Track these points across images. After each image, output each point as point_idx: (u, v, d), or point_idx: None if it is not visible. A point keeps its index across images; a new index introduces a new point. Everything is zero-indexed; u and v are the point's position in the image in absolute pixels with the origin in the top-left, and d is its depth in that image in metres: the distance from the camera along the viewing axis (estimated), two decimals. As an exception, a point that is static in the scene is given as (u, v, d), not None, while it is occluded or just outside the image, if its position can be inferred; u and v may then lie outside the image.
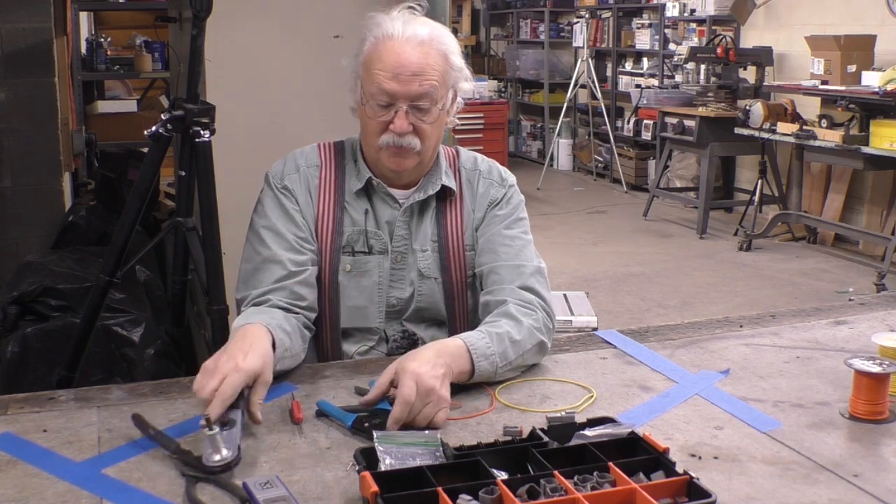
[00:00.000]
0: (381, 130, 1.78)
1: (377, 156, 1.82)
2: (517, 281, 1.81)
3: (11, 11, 3.87)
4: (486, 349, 1.64)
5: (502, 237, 1.87)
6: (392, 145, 1.78)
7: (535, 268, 1.84)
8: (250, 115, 2.75)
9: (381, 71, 1.74)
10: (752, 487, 1.29)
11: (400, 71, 1.73)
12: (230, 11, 2.62)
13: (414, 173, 1.86)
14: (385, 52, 1.75)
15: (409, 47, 1.74)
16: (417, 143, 1.78)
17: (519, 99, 11.89)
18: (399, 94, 1.74)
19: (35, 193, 3.98)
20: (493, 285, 1.83)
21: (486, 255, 1.87)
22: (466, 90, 1.86)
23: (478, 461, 1.25)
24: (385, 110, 1.76)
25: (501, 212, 1.91)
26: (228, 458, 1.32)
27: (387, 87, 1.74)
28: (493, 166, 1.97)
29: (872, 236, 6.43)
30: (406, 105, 1.75)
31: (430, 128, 1.79)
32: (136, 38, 6.25)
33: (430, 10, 2.26)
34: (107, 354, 2.97)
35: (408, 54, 1.74)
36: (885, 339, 1.66)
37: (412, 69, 1.73)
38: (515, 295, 1.78)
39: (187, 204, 2.29)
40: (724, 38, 7.58)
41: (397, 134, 1.76)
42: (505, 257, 1.84)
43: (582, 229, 7.76)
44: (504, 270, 1.83)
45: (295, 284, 1.77)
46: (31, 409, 1.55)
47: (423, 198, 1.87)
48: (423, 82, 1.74)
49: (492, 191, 1.92)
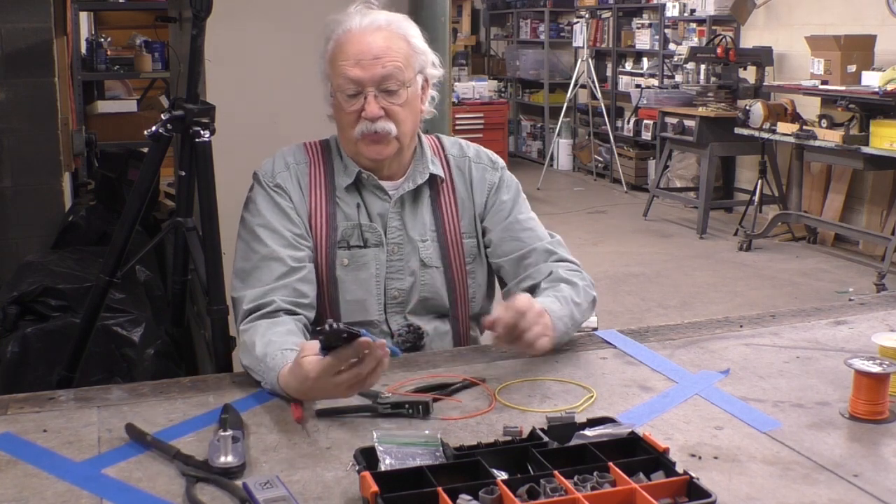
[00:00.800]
0: (355, 121, 1.80)
1: (356, 149, 1.84)
2: (551, 258, 1.92)
3: (11, 11, 3.87)
4: (560, 312, 1.76)
5: (520, 223, 1.95)
6: (367, 133, 1.80)
7: (557, 241, 1.96)
8: (250, 115, 2.75)
9: (345, 61, 1.78)
10: (752, 487, 1.29)
11: (362, 56, 1.77)
12: (230, 11, 2.62)
13: (396, 162, 1.87)
14: (346, 43, 1.79)
15: (367, 35, 1.79)
16: (392, 128, 1.80)
17: (519, 99, 11.89)
18: (364, 79, 1.77)
19: (35, 193, 3.98)
20: (529, 269, 1.91)
21: (510, 243, 1.93)
22: (435, 75, 1.89)
23: (478, 461, 1.25)
24: (354, 99, 1.79)
25: (507, 197, 1.96)
26: (234, 464, 1.32)
27: (351, 74, 1.77)
28: (480, 150, 2.01)
29: (872, 236, 6.43)
30: (374, 89, 1.78)
31: (402, 110, 1.81)
32: (136, 38, 6.25)
33: (431, 10, 2.26)
34: (107, 354, 2.97)
35: (367, 40, 1.78)
36: (885, 339, 1.66)
37: (373, 53, 1.77)
38: (555, 268, 1.89)
39: (187, 204, 2.29)
40: (724, 38, 7.58)
41: (370, 120, 1.78)
42: (530, 241, 1.93)
43: (582, 229, 7.76)
44: (535, 254, 1.92)
45: (296, 282, 1.78)
46: (31, 409, 1.55)
47: (413, 188, 1.89)
48: (387, 63, 1.78)
49: (487, 175, 1.96)
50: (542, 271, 1.89)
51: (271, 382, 1.58)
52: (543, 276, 1.88)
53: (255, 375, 1.64)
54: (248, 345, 1.68)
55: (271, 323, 1.71)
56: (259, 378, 1.63)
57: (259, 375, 1.63)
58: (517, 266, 1.92)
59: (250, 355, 1.66)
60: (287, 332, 1.68)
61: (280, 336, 1.66)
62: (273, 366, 1.58)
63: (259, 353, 1.63)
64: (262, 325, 1.71)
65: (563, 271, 1.88)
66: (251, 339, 1.67)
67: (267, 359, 1.60)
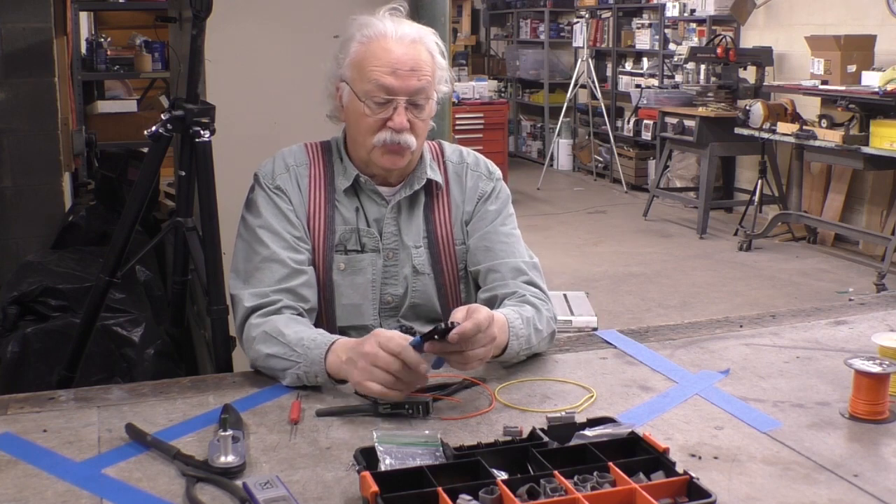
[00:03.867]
0: (378, 128, 1.79)
1: (369, 156, 1.82)
2: (520, 277, 1.85)
3: (11, 11, 3.87)
4: (520, 329, 1.71)
5: (498, 234, 1.90)
6: (388, 143, 1.78)
7: (532, 263, 1.90)
8: (250, 115, 2.75)
9: (379, 67, 1.76)
10: (752, 487, 1.29)
11: (398, 66, 1.75)
12: (230, 11, 2.62)
13: (403, 171, 1.87)
14: (379, 49, 1.77)
15: (405, 45, 1.77)
16: (413, 141, 1.80)
17: (519, 99, 11.89)
18: (398, 89, 1.76)
19: (35, 193, 3.98)
20: (494, 282, 1.86)
21: (483, 252, 1.89)
22: (444, 92, 1.89)
23: (478, 461, 1.25)
24: (383, 107, 1.77)
25: (493, 207, 1.93)
26: (235, 464, 1.32)
27: (386, 82, 1.75)
28: (480, 159, 2.00)
29: (872, 236, 6.43)
30: (405, 101, 1.77)
31: (423, 125, 1.82)
32: (136, 38, 6.25)
33: (431, 10, 2.26)
34: (107, 354, 2.97)
35: (405, 51, 1.77)
36: (885, 339, 1.66)
37: (409, 65, 1.76)
38: (522, 289, 1.83)
39: (187, 204, 2.29)
40: (724, 38, 7.58)
41: (395, 131, 1.77)
42: (503, 255, 1.88)
43: (582, 229, 7.76)
44: (504, 268, 1.86)
45: (298, 286, 1.78)
46: (31, 409, 1.55)
47: (410, 193, 1.88)
48: (422, 77, 1.77)
49: (480, 184, 1.94)
50: (508, 287, 1.83)
51: (311, 360, 1.60)
52: (507, 293, 1.83)
53: (280, 363, 1.64)
54: (270, 333, 1.67)
55: (290, 318, 1.72)
56: (284, 365, 1.63)
57: (288, 361, 1.62)
58: (485, 277, 1.88)
59: (275, 342, 1.65)
60: (311, 328, 1.70)
61: (307, 327, 1.68)
62: (315, 345, 1.61)
63: (292, 339, 1.63)
64: (282, 318, 1.71)
65: (530, 296, 1.81)
66: (274, 328, 1.67)
67: (304, 341, 1.62)
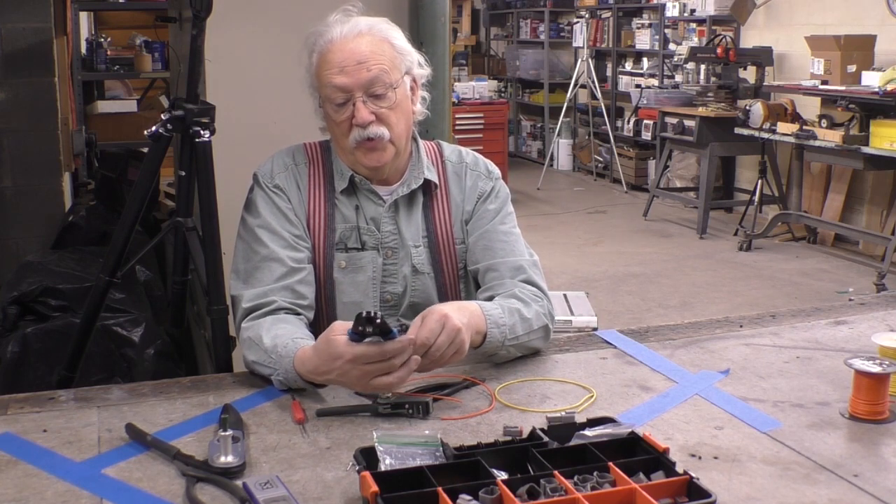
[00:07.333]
0: (348, 130, 1.80)
1: (353, 158, 1.83)
2: (518, 276, 1.85)
3: (11, 11, 3.87)
4: (499, 318, 1.70)
5: (497, 233, 1.90)
6: (362, 140, 1.79)
7: (532, 261, 1.89)
8: (250, 115, 2.75)
9: (329, 71, 1.78)
10: (752, 487, 1.29)
11: (345, 64, 1.77)
12: (230, 11, 2.62)
13: (393, 167, 1.87)
14: (329, 54, 1.79)
15: (349, 41, 1.79)
16: (385, 132, 1.79)
17: (519, 99, 11.89)
18: (350, 85, 1.77)
19: (35, 193, 3.98)
20: (492, 281, 1.86)
21: (482, 252, 1.89)
22: (423, 75, 1.88)
23: (478, 461, 1.25)
24: (343, 108, 1.79)
25: (492, 206, 1.93)
26: (235, 464, 1.32)
27: (337, 82, 1.77)
28: (479, 159, 2.00)
29: (872, 236, 6.43)
30: (362, 95, 1.77)
31: (392, 113, 1.80)
32: (136, 38, 6.24)
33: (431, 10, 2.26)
34: (107, 354, 2.97)
35: (350, 47, 1.78)
36: (885, 339, 1.66)
37: (357, 58, 1.77)
38: (519, 288, 1.83)
39: (187, 204, 2.28)
40: (724, 38, 7.58)
41: (361, 126, 1.78)
42: (502, 254, 1.88)
43: (582, 229, 7.76)
44: (503, 267, 1.86)
45: (296, 283, 1.78)
46: (31, 409, 1.55)
47: (406, 192, 1.88)
48: (371, 67, 1.77)
49: (480, 183, 1.94)
50: (506, 286, 1.83)
51: (285, 368, 1.59)
52: (504, 292, 1.82)
53: (263, 369, 1.65)
54: (253, 340, 1.68)
55: (276, 319, 1.72)
56: (267, 371, 1.63)
57: (268, 368, 1.63)
58: (484, 276, 1.88)
59: (257, 349, 1.66)
60: (294, 328, 1.70)
61: (287, 330, 1.67)
62: (286, 353, 1.60)
63: (268, 345, 1.63)
64: (266, 322, 1.71)
65: (521, 292, 1.80)
66: (256, 334, 1.68)
67: (278, 348, 1.61)
